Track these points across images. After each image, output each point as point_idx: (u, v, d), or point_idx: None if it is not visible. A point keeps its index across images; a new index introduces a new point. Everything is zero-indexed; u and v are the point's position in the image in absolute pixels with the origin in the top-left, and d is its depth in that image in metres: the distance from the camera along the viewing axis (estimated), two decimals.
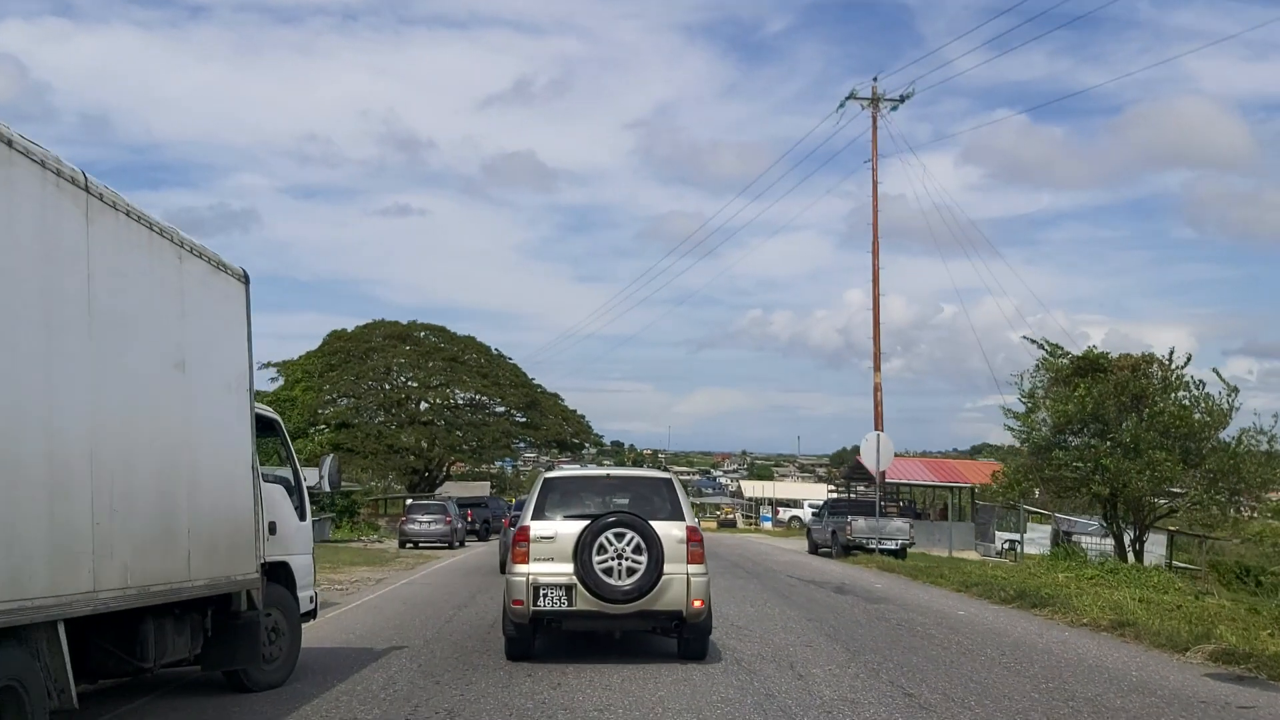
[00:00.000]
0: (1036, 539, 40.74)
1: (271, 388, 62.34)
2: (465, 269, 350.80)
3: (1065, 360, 28.39)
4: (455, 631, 12.89)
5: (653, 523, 10.25)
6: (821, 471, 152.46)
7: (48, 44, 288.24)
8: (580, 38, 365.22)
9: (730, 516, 77.36)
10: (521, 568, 10.32)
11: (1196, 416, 25.46)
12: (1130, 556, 26.32)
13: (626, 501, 10.94)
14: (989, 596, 17.34)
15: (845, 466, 59.95)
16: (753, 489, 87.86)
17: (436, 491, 62.56)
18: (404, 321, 66.68)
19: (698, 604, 10.26)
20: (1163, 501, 26.80)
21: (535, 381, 67.59)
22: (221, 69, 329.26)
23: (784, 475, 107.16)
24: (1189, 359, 26.52)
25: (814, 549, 33.66)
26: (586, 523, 10.22)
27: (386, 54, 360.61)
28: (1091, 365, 27.53)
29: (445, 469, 69.86)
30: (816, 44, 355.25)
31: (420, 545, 36.39)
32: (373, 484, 64.45)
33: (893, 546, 29.03)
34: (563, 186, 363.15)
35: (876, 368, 36.70)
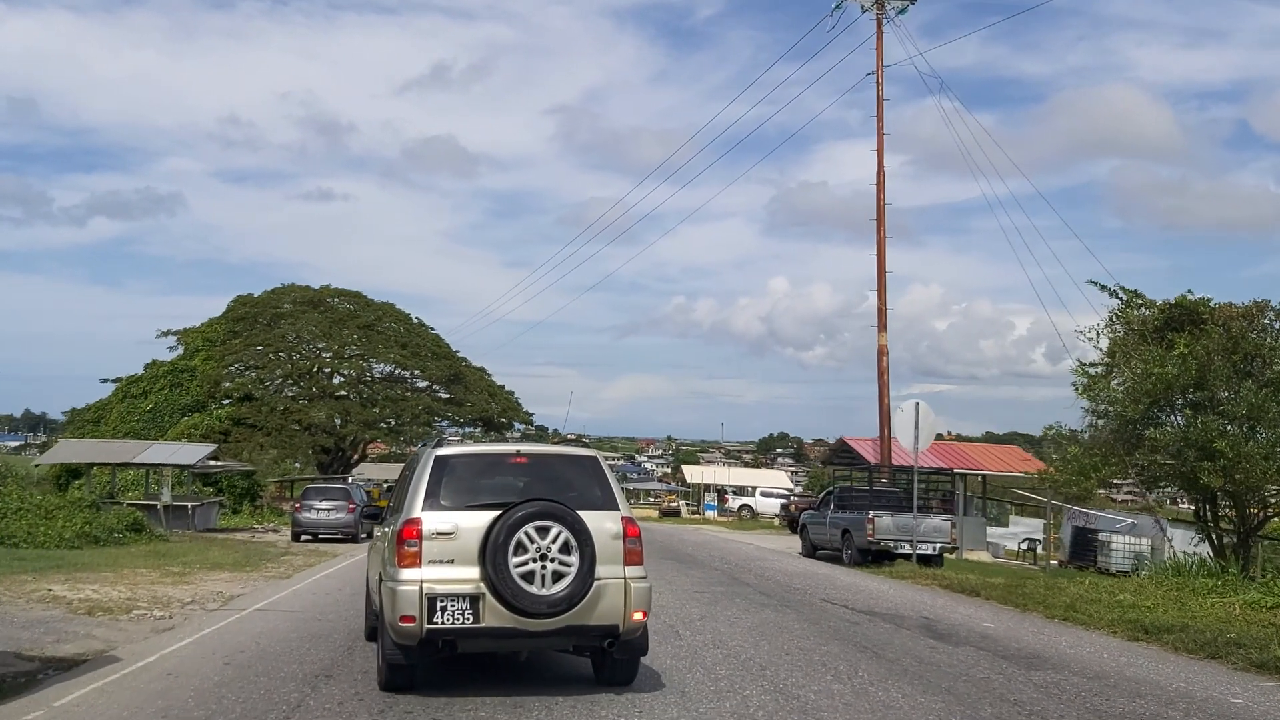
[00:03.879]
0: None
1: (170, 357, 56.66)
2: (391, 253, 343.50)
3: (1150, 311, 22.11)
4: None
5: (581, 513, 8.14)
6: (748, 457, 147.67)
7: None
8: (510, 23, 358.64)
9: (674, 505, 71.60)
10: (410, 573, 8.02)
11: None
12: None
13: (544, 486, 8.54)
14: (1205, 653, 10.49)
15: (827, 449, 53.88)
16: (698, 474, 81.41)
17: (351, 474, 56.61)
18: (315, 286, 60.33)
19: (638, 616, 8.28)
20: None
21: (459, 354, 61.31)
22: (153, 54, 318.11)
23: (710, 461, 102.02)
24: None
25: (811, 551, 26.89)
26: (498, 514, 8.05)
27: (316, 39, 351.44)
28: (1188, 316, 21.31)
29: (361, 449, 63.77)
30: (746, 30, 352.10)
31: (319, 537, 30.86)
32: (296, 465, 58.20)
33: (929, 551, 22.49)
34: (484, 171, 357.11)
35: (881, 326, 30.09)
